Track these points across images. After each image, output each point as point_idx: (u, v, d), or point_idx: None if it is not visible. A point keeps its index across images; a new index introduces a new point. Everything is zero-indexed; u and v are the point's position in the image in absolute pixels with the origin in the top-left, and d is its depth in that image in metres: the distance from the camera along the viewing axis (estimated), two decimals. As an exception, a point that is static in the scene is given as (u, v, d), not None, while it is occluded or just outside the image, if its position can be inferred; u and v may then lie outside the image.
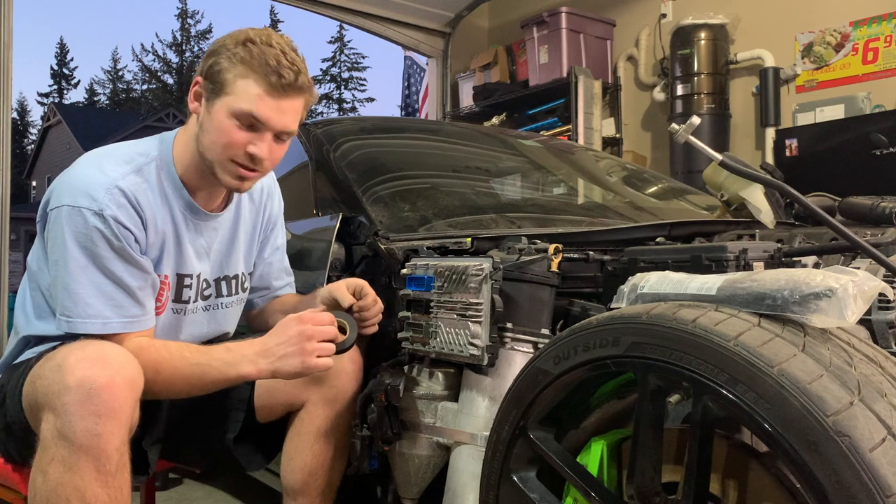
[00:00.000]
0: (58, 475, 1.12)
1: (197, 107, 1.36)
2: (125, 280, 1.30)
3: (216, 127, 1.32)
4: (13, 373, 1.35)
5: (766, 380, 0.86)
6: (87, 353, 1.17)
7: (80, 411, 1.12)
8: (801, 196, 1.33)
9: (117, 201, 1.28)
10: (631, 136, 4.75)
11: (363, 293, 1.49)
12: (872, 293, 0.92)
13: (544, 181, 2.54)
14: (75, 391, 1.12)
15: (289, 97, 1.32)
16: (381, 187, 1.95)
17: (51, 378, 1.16)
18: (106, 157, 1.35)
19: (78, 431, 1.12)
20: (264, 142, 1.34)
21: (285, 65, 1.30)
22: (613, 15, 4.79)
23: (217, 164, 1.35)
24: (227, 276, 1.54)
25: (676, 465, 1.06)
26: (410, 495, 1.51)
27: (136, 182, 1.33)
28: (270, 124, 1.32)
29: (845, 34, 3.82)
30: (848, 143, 3.37)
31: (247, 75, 1.30)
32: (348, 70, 36.99)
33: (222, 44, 1.34)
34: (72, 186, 1.29)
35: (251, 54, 1.30)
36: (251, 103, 1.30)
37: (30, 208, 21.49)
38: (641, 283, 1.11)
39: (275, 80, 1.30)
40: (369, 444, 1.48)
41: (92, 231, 1.26)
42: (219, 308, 1.55)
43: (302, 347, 1.31)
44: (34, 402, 1.20)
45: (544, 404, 1.15)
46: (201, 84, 1.35)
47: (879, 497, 0.77)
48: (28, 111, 39.70)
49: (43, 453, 1.14)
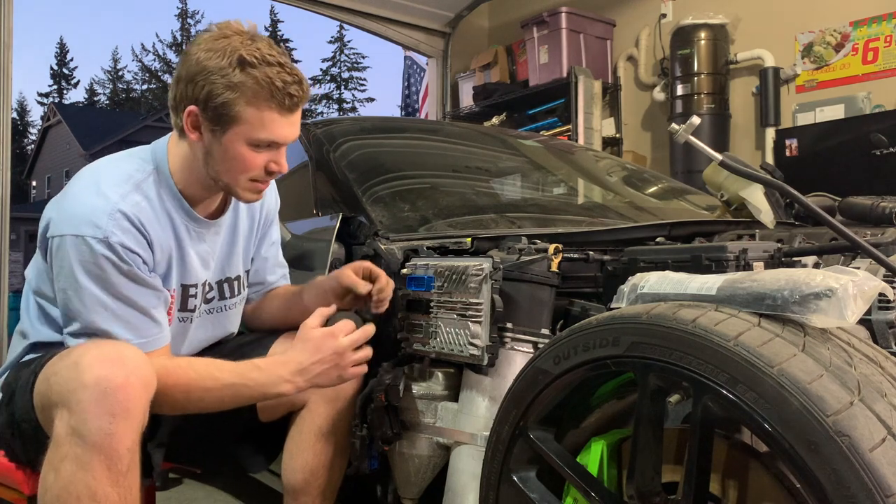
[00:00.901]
0: (70, 473, 1.12)
1: (198, 136, 1.31)
2: (139, 302, 1.29)
3: (233, 157, 1.31)
4: (21, 371, 1.35)
5: (766, 380, 0.86)
6: (103, 352, 1.17)
7: (94, 410, 1.12)
8: (801, 196, 1.33)
9: (121, 226, 1.26)
10: (631, 136, 4.75)
11: (374, 275, 1.49)
12: (872, 293, 0.92)
13: (544, 181, 2.54)
14: (91, 389, 1.13)
15: (298, 108, 1.32)
16: (381, 187, 1.96)
17: (66, 375, 1.16)
18: (103, 178, 1.31)
19: (92, 430, 1.12)
20: (283, 156, 1.35)
21: (292, 83, 1.28)
22: (613, 15, 4.79)
23: (236, 185, 1.35)
24: (228, 277, 1.53)
25: (676, 465, 1.06)
26: (410, 495, 1.51)
27: (137, 202, 1.30)
28: (287, 141, 1.33)
29: (845, 34, 3.82)
30: (848, 143, 3.37)
31: (257, 104, 1.27)
32: (348, 70, 36.99)
33: (213, 66, 1.26)
34: (73, 214, 1.26)
35: (257, 81, 1.25)
36: (270, 131, 1.29)
37: (30, 208, 21.49)
38: (641, 283, 1.11)
39: (289, 103, 1.29)
40: (369, 444, 1.48)
41: (100, 259, 1.24)
42: (223, 311, 1.55)
43: (338, 363, 1.35)
44: (47, 399, 1.20)
45: (544, 404, 1.15)
46: (199, 114, 1.29)
47: (879, 497, 0.77)
48: (28, 111, 39.72)
49: (56, 450, 1.14)
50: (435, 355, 1.42)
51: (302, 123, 2.21)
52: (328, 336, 1.36)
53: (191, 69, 1.28)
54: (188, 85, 1.28)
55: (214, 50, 1.27)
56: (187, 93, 1.28)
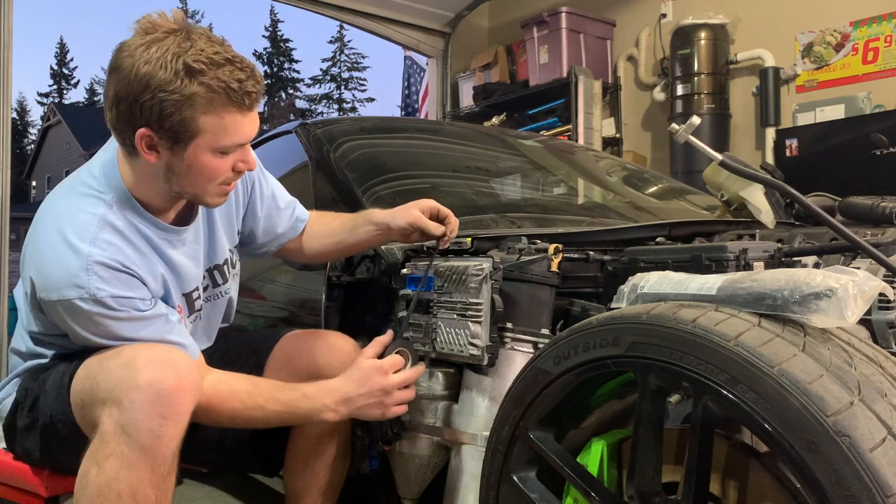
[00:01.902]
0: (114, 470, 1.12)
1: (156, 156, 1.22)
2: (152, 336, 1.26)
3: (199, 170, 1.23)
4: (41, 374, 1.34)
5: (766, 380, 0.86)
6: (156, 355, 1.18)
7: (147, 410, 1.13)
8: (801, 196, 1.33)
9: (103, 277, 1.20)
10: (631, 136, 4.75)
11: (442, 215, 1.49)
12: (872, 293, 0.92)
13: (544, 181, 2.54)
14: (145, 390, 1.13)
15: (257, 104, 1.24)
16: (381, 187, 1.96)
17: (118, 375, 1.16)
18: (65, 227, 1.22)
19: (142, 430, 1.12)
20: (249, 153, 1.29)
21: (247, 79, 1.19)
22: (613, 15, 4.79)
23: (204, 194, 1.29)
24: (217, 265, 1.51)
25: (676, 465, 1.06)
26: (410, 495, 1.51)
27: (109, 241, 1.23)
28: (252, 138, 1.27)
29: (845, 34, 3.82)
30: (848, 143, 3.37)
31: (214, 111, 1.18)
32: (348, 70, 37.04)
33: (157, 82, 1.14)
34: (52, 279, 1.21)
35: (210, 88, 1.16)
36: (233, 135, 1.22)
37: (30, 208, 21.44)
38: (641, 283, 1.11)
39: (248, 101, 1.21)
40: (369, 444, 1.48)
41: (94, 317, 1.21)
42: (219, 297, 1.54)
43: (382, 401, 1.35)
44: (93, 395, 1.19)
45: (544, 404, 1.15)
46: (153, 135, 1.19)
47: (879, 497, 0.77)
48: (28, 111, 39.81)
49: (102, 446, 1.14)
50: (435, 355, 1.42)
51: (302, 123, 2.23)
52: (378, 371, 1.34)
53: (131, 88, 1.15)
54: (132, 106, 1.16)
55: (151, 61, 1.15)
56: (133, 114, 1.17)
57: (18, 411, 1.35)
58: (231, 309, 1.61)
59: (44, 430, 1.31)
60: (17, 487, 1.48)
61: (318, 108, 36.17)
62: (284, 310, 1.97)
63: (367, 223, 1.53)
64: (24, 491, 1.46)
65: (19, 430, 1.36)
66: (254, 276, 2.04)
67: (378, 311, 1.66)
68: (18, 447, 1.39)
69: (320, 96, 36.93)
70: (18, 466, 1.42)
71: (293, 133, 2.21)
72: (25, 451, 1.38)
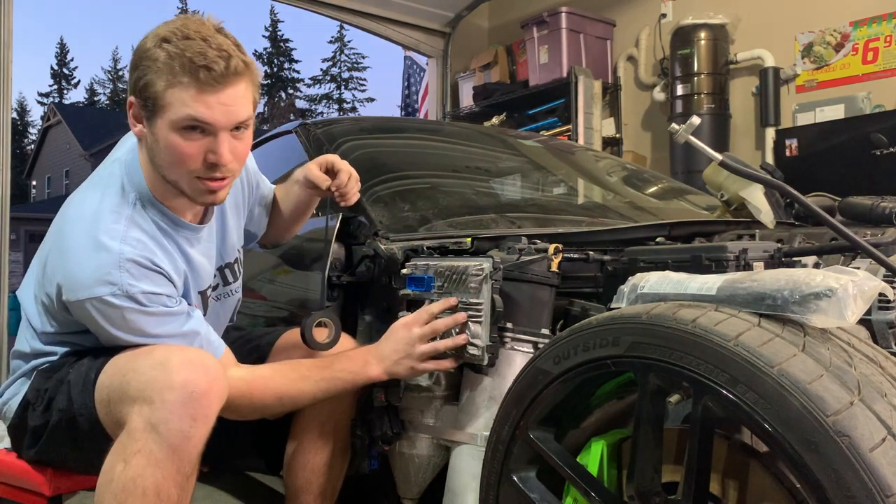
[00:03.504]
0: (140, 466, 1.13)
1: (141, 129, 1.26)
2: (182, 331, 1.28)
3: (165, 147, 1.23)
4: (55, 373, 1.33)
5: (766, 380, 0.86)
6: (189, 357, 1.20)
7: (179, 411, 1.14)
8: (801, 196, 1.33)
9: (134, 273, 1.23)
10: (631, 136, 4.75)
11: (336, 168, 1.53)
12: (872, 293, 0.92)
13: (544, 181, 2.54)
14: (179, 391, 1.14)
15: (227, 87, 1.20)
16: (381, 187, 1.95)
17: (151, 374, 1.17)
18: (96, 227, 1.25)
19: (173, 430, 1.13)
20: (221, 144, 1.23)
21: (211, 55, 1.18)
22: (613, 15, 4.79)
23: (182, 183, 1.28)
24: (228, 262, 1.54)
25: (676, 465, 1.06)
26: (410, 495, 1.51)
27: (138, 239, 1.26)
28: (218, 124, 1.21)
29: (845, 34, 3.82)
30: (848, 143, 3.37)
31: (174, 83, 1.18)
32: (348, 70, 37.00)
33: (143, 51, 1.21)
34: (82, 278, 1.22)
35: (171, 56, 1.17)
36: (187, 109, 1.19)
37: (30, 208, 21.50)
38: (641, 283, 1.11)
39: (205, 76, 1.18)
40: (369, 443, 1.48)
41: (126, 312, 1.23)
42: (228, 296, 1.56)
43: (409, 354, 1.38)
44: (122, 393, 1.19)
45: (544, 404, 1.15)
46: (136, 104, 1.24)
47: (879, 497, 0.77)
48: (28, 111, 39.75)
49: (130, 442, 1.14)
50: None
51: (302, 123, 2.23)
52: (403, 326, 1.39)
53: (133, 58, 1.24)
54: (130, 76, 1.24)
55: (151, 35, 1.22)
56: (129, 85, 1.26)
57: (29, 411, 1.35)
58: (237, 308, 1.62)
59: (58, 425, 1.31)
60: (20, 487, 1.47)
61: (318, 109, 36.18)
62: (284, 310, 1.97)
63: (292, 183, 1.63)
64: (27, 490, 1.46)
65: (29, 429, 1.35)
66: (254, 276, 2.04)
67: (378, 310, 1.66)
68: (25, 446, 1.38)
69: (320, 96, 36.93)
70: (22, 466, 1.41)
71: (293, 133, 2.21)
72: (33, 450, 1.37)
